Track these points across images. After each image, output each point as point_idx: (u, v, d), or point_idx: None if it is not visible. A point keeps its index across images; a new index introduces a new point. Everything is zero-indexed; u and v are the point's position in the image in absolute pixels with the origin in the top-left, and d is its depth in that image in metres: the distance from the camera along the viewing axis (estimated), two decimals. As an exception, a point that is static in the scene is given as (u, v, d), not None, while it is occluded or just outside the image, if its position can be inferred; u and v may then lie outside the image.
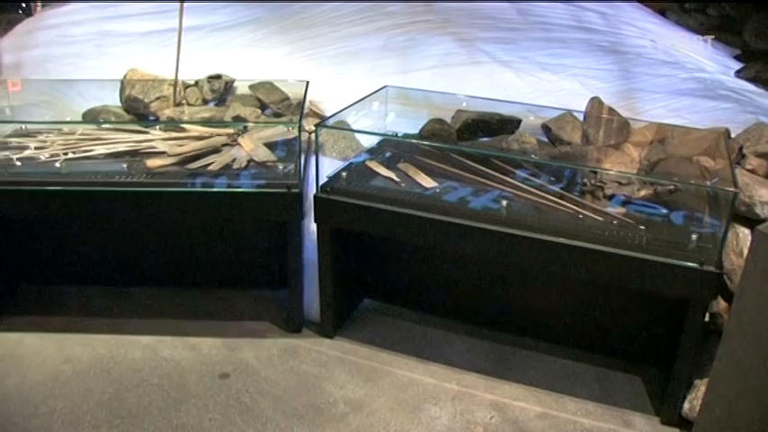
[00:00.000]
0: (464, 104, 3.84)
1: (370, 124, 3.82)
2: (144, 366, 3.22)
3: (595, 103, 3.74)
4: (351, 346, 3.38)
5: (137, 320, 3.56)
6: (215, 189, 3.22)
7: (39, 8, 5.74)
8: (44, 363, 3.24)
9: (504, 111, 3.74)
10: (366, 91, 3.76)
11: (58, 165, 3.41)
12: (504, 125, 3.70)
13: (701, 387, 2.82)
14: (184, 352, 3.32)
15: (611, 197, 3.14)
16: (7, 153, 3.53)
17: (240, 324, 3.54)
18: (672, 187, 3.12)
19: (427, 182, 3.28)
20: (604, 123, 3.66)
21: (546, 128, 3.70)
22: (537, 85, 4.21)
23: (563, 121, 3.68)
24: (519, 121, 3.72)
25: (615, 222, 2.95)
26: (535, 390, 3.11)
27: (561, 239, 2.83)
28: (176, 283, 3.84)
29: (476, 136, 3.70)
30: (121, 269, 3.85)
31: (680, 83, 4.22)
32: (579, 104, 3.79)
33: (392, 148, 3.67)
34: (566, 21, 4.55)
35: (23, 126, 3.87)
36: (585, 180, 3.28)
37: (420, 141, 3.65)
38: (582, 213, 3.02)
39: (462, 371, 3.22)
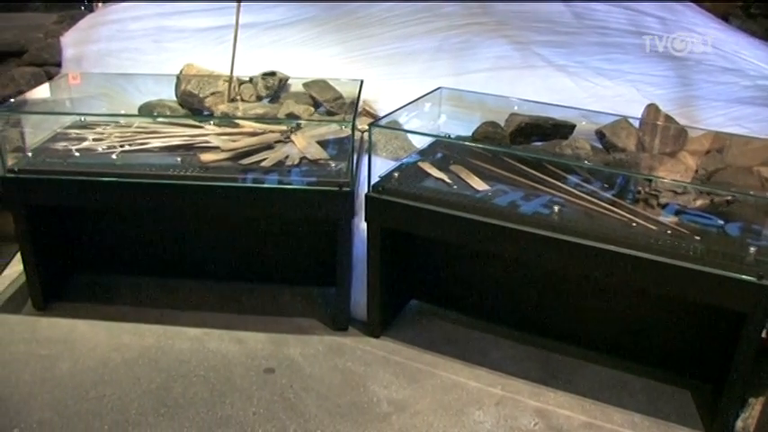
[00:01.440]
0: (517, 108, 3.81)
1: (423, 125, 3.81)
2: (191, 358, 3.26)
3: (652, 109, 3.68)
4: (396, 347, 3.37)
5: (185, 312, 3.61)
6: (267, 185, 3.24)
7: (100, 4, 5.85)
8: (95, 349, 3.31)
9: (558, 115, 3.70)
10: (419, 92, 3.76)
11: (114, 156, 3.48)
12: (558, 130, 3.66)
13: (755, 406, 2.74)
14: (231, 345, 3.35)
15: (665, 206, 3.08)
16: (66, 144, 3.61)
17: (287, 320, 3.56)
18: (730, 198, 3.05)
19: (479, 184, 3.26)
20: (660, 131, 3.60)
21: (600, 134, 3.65)
22: (592, 90, 4.15)
23: (618, 127, 3.62)
24: (573, 127, 3.68)
25: (669, 232, 2.89)
26: (581, 398, 3.07)
27: (613, 247, 2.78)
28: (225, 277, 3.87)
29: (529, 140, 3.66)
30: (172, 261, 3.91)
31: (741, 91, 4.12)
32: (635, 111, 3.73)
33: (444, 150, 3.66)
34: (623, 25, 4.47)
35: (82, 118, 3.94)
36: (639, 188, 3.22)
37: (473, 144, 3.63)
38: (635, 221, 2.97)
39: (507, 376, 3.19)
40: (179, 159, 3.44)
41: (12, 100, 4.20)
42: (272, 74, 4.19)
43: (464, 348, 3.37)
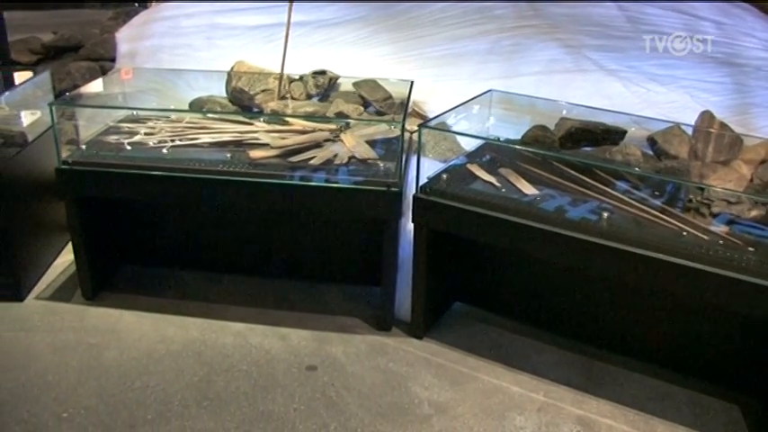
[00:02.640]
0: (567, 112, 3.78)
1: (473, 127, 3.79)
2: (234, 352, 3.28)
3: (706, 116, 3.62)
4: (439, 349, 3.36)
5: (230, 307, 3.64)
6: (316, 183, 3.25)
7: (154, 3, 5.94)
8: (140, 340, 3.36)
9: (609, 121, 3.65)
10: (469, 94, 3.75)
11: (164, 151, 3.52)
12: (609, 135, 3.61)
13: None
14: (274, 341, 3.37)
15: (717, 215, 3.02)
16: (118, 137, 3.66)
17: (330, 318, 3.57)
18: (786, 208, 2.99)
19: (527, 188, 3.24)
20: (714, 138, 3.54)
21: (651, 140, 3.60)
22: (644, 95, 4.10)
23: (670, 134, 3.57)
24: (624, 132, 3.63)
25: (721, 242, 2.83)
26: (624, 408, 3.02)
27: (661, 255, 2.73)
28: (270, 273, 3.90)
29: (579, 145, 3.63)
30: (218, 256, 3.95)
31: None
32: (688, 118, 3.68)
33: (493, 153, 3.64)
34: (678, 30, 4.41)
35: (135, 112, 4.00)
36: (691, 196, 3.17)
37: (522, 147, 3.60)
38: (685, 230, 2.92)
39: (550, 382, 3.16)
40: (228, 155, 3.47)
41: (67, 94, 4.29)
42: (323, 72, 4.21)
43: (507, 353, 3.35)
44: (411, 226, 3.28)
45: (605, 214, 2.99)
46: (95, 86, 4.19)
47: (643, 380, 3.20)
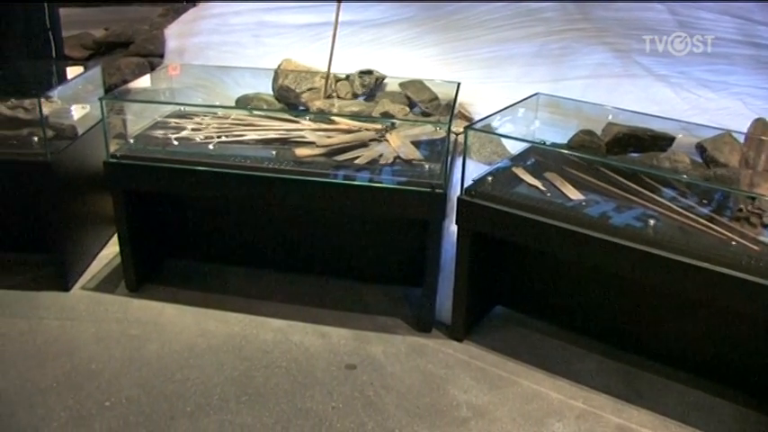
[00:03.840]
0: (613, 117, 3.74)
1: (518, 131, 3.76)
2: (274, 348, 3.30)
3: (759, 124, 3.55)
4: (479, 352, 3.34)
5: (271, 303, 3.65)
6: (360, 182, 3.26)
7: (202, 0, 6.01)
8: (182, 333, 3.39)
9: (657, 127, 3.61)
10: (516, 97, 3.71)
11: (211, 147, 3.56)
12: (657, 142, 3.57)
13: None
14: (314, 339, 3.38)
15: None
16: (166, 132, 3.71)
17: (371, 318, 3.56)
18: (841, 221, 2.91)
19: (573, 193, 3.20)
20: (767, 147, 3.47)
21: (701, 147, 3.54)
22: (694, 102, 4.04)
23: (720, 141, 3.51)
24: (672, 139, 3.58)
25: (772, 253, 2.78)
26: (666, 419, 2.96)
27: (708, 265, 2.67)
28: (312, 270, 3.91)
29: (626, 150, 3.58)
30: (260, 252, 3.97)
31: None
32: (740, 125, 3.61)
33: (539, 157, 3.61)
34: (732, 35, 4.32)
35: (182, 108, 4.05)
36: (741, 205, 3.10)
37: (568, 151, 3.57)
38: (734, 240, 2.86)
39: (590, 389, 3.12)
40: (274, 152, 3.48)
41: (117, 89, 4.36)
42: (369, 72, 4.22)
43: (547, 358, 3.31)
44: (454, 228, 3.27)
45: (651, 221, 2.95)
46: (143, 82, 4.24)
47: (685, 391, 3.14)
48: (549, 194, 3.22)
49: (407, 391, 3.04)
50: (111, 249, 4.08)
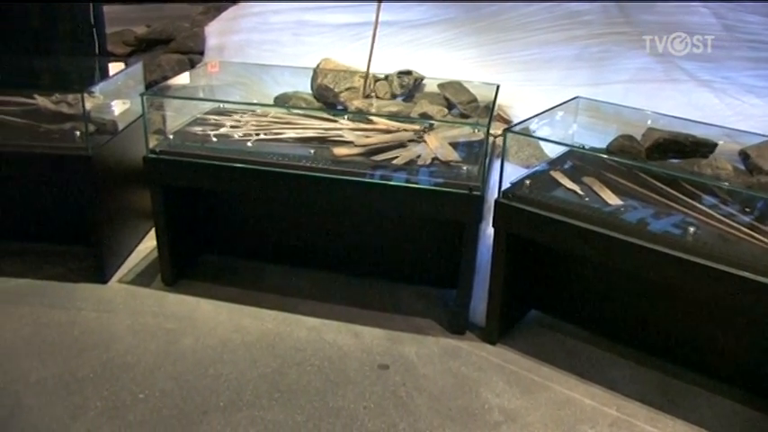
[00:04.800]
0: (650, 122, 3.68)
1: (557, 134, 3.73)
2: (307, 347, 3.31)
3: (805, 132, 3.48)
4: (512, 355, 3.32)
5: (305, 301, 3.67)
6: (398, 183, 3.25)
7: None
8: (216, 329, 3.42)
9: (699, 133, 3.54)
10: (555, 100, 3.68)
11: (249, 144, 3.58)
12: (698, 148, 3.51)
13: None
14: (347, 338, 3.38)
15: (814, 236, 2.90)
16: (205, 129, 3.74)
17: (404, 318, 3.56)
18: None
19: (611, 198, 3.17)
20: (814, 155, 3.40)
21: (744, 154, 3.48)
22: (738, 108, 3.97)
23: (765, 148, 3.44)
24: (714, 145, 3.52)
25: (817, 263, 2.72)
26: (701, 431, 2.92)
27: (749, 274, 2.62)
28: (346, 270, 3.92)
29: (666, 156, 3.53)
30: (295, 250, 3.99)
31: None
32: (787, 132, 3.54)
33: (577, 161, 3.58)
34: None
35: (221, 105, 4.07)
36: (786, 215, 3.06)
37: (607, 156, 3.53)
38: (778, 249, 2.81)
39: (624, 397, 3.08)
40: (312, 151, 3.49)
41: (157, 85, 4.41)
42: (408, 73, 4.22)
43: (581, 364, 3.28)
44: (491, 230, 3.25)
45: (691, 229, 2.90)
46: (182, 79, 4.28)
47: (723, 403, 3.08)
48: (587, 199, 3.19)
49: (440, 393, 3.03)
50: (149, 243, 4.13)
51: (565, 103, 3.69)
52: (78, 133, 3.63)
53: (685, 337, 3.25)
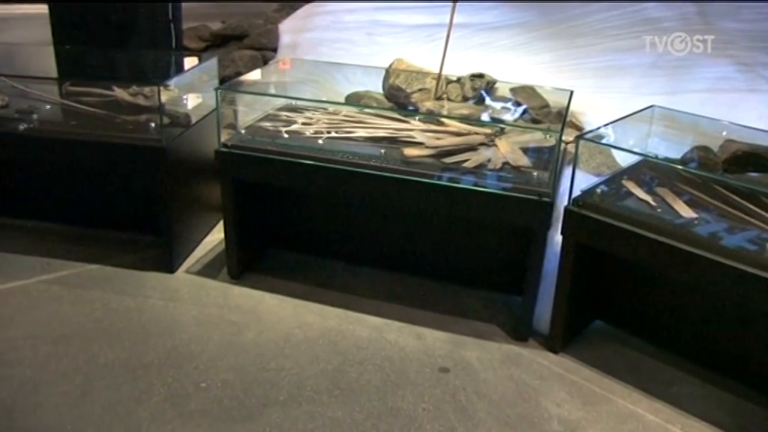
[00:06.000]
0: (725, 133, 3.59)
1: (631, 143, 3.66)
2: (369, 345, 3.32)
3: None
4: (574, 365, 3.27)
5: (369, 300, 3.68)
6: (468, 186, 3.23)
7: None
8: (279, 323, 3.45)
9: (782, 146, 3.44)
10: (628, 108, 3.60)
11: (320, 141, 3.60)
12: (780, 162, 3.41)
13: None
14: (409, 339, 3.38)
15: None
16: (276, 125, 3.78)
17: (467, 322, 3.54)
18: None
19: (685, 210, 3.09)
20: None
21: (828, 171, 3.36)
22: (825, 121, 3.82)
23: None
24: (797, 161, 3.41)
25: None
26: (772, 458, 2.83)
27: None
28: (411, 270, 3.91)
29: (744, 170, 3.43)
30: (361, 248, 4.00)
31: None
32: None
33: (650, 171, 3.50)
34: None
35: (293, 102, 4.11)
36: None
37: (682, 167, 3.45)
38: None
39: (690, 415, 2.99)
40: (382, 151, 3.50)
41: (230, 80, 4.48)
42: (480, 76, 4.19)
43: (646, 378, 3.21)
44: (559, 238, 3.21)
45: (768, 245, 2.82)
46: (254, 75, 4.34)
47: (796, 430, 2.98)
48: (659, 210, 3.12)
49: (499, 400, 3.01)
50: (216, 236, 4.19)
51: (639, 111, 3.62)
52: (153, 125, 3.72)
53: (759, 357, 3.15)
